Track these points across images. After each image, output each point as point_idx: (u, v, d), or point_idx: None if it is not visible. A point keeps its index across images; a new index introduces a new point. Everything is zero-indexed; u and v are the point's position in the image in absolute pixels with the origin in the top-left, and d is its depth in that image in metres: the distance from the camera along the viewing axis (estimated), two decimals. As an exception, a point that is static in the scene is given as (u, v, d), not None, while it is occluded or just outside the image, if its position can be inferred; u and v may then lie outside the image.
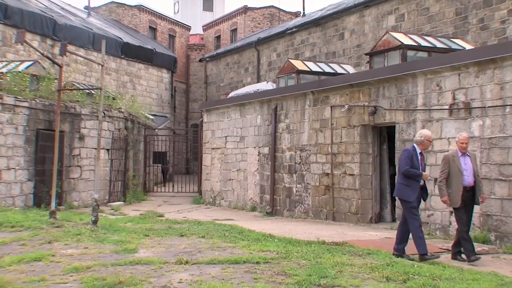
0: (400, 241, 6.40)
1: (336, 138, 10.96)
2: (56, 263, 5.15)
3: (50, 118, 11.95)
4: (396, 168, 9.48)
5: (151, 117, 21.65)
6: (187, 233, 7.53)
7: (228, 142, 15.06)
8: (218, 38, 32.11)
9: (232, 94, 18.69)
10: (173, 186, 19.66)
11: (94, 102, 13.84)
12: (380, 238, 8.19)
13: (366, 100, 10.27)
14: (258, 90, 16.12)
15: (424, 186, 6.45)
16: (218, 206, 15.13)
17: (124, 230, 7.62)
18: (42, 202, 11.25)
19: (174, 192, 19.12)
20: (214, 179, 15.66)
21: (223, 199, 15.17)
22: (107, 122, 14.33)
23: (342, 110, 10.76)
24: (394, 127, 9.71)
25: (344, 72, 14.31)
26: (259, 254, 5.77)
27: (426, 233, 7.84)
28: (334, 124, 11.02)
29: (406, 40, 10.89)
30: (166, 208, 14.32)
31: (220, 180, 15.35)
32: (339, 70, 14.50)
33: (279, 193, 12.75)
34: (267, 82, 19.20)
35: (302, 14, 25.82)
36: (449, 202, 6.44)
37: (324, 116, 11.35)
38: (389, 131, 10.41)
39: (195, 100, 31.34)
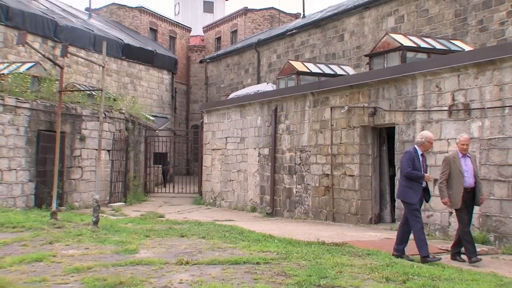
0: (400, 241, 6.42)
1: (336, 139, 10.98)
2: (57, 263, 5.16)
3: (51, 119, 11.98)
4: (396, 169, 9.61)
5: (151, 118, 21.68)
6: (188, 233, 7.53)
7: (229, 143, 15.08)
8: (219, 39, 32.15)
9: (232, 95, 18.72)
10: (173, 187, 19.69)
11: (95, 103, 13.87)
12: (380, 239, 8.20)
13: (365, 101, 10.30)
14: (258, 91, 16.14)
15: (427, 187, 6.46)
16: (218, 207, 15.15)
17: (125, 231, 7.63)
18: (43, 203, 11.28)
19: (174, 193, 19.14)
20: (214, 180, 15.69)
21: (223, 200, 15.19)
22: (108, 123, 14.36)
23: (342, 111, 10.78)
24: (394, 128, 9.72)
25: (344, 73, 14.32)
26: (259, 254, 5.77)
27: (426, 233, 7.82)
28: (334, 125, 11.04)
29: (406, 42, 10.89)
30: (166, 208, 14.33)
31: (220, 181, 15.37)
32: (339, 72, 14.52)
33: (279, 194, 12.77)
34: (267, 83, 19.21)
35: (302, 16, 25.88)
36: (449, 203, 6.44)
37: (324, 117, 11.37)
38: (388, 132, 10.42)
39: (195, 101, 31.38)
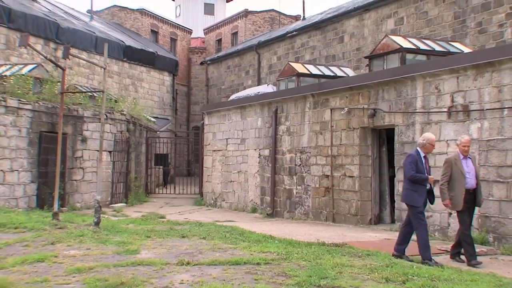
0: (401, 242, 6.42)
1: (336, 140, 11.02)
2: (59, 264, 5.15)
3: (53, 121, 12.02)
4: (395, 170, 9.65)
5: (152, 119, 21.72)
6: (189, 234, 7.52)
7: (229, 144, 15.13)
8: (219, 41, 32.21)
9: (233, 97, 18.76)
10: (174, 188, 19.73)
11: (96, 105, 13.92)
12: (380, 240, 8.22)
13: (365, 103, 10.33)
14: (259, 93, 16.18)
15: (431, 189, 6.42)
16: (219, 208, 15.18)
17: (126, 232, 7.62)
18: (45, 204, 11.32)
19: (175, 193, 19.18)
20: (215, 181, 15.73)
21: (224, 201, 15.23)
22: (109, 124, 14.40)
23: (342, 113, 10.81)
24: (393, 129, 9.75)
25: (343, 75, 14.35)
26: (260, 255, 5.76)
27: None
28: (334, 126, 11.08)
29: (405, 44, 10.92)
30: (167, 209, 14.36)
31: (221, 182, 15.41)
32: (339, 73, 14.56)
33: (279, 194, 12.81)
34: (267, 85, 19.26)
35: (302, 18, 25.93)
36: (450, 205, 6.42)
37: (324, 118, 11.41)
38: (388, 134, 10.44)
39: (196, 102, 31.43)
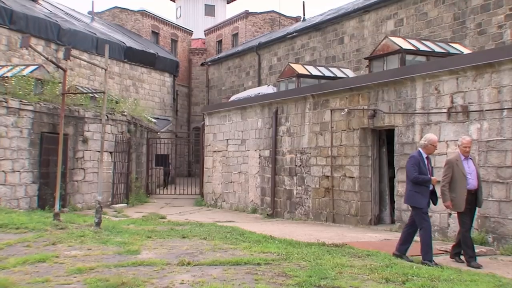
0: (403, 242, 6.40)
1: (336, 141, 11.05)
2: (60, 264, 5.15)
3: (54, 122, 12.07)
4: (395, 171, 9.68)
5: (153, 120, 21.78)
6: (189, 234, 7.52)
7: (230, 145, 15.16)
8: (220, 42, 32.26)
9: (233, 98, 18.81)
10: (175, 188, 19.80)
11: (97, 106, 13.97)
12: (379, 240, 8.23)
13: (365, 104, 10.36)
14: (259, 93, 16.23)
15: (434, 190, 6.40)
16: (219, 208, 15.20)
17: (127, 232, 7.63)
18: (46, 204, 11.36)
19: (176, 194, 19.24)
20: (215, 181, 15.76)
21: (224, 201, 15.26)
22: (110, 125, 14.45)
23: (342, 114, 10.83)
24: (393, 130, 9.77)
25: (343, 76, 14.39)
26: (260, 255, 5.77)
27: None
28: (334, 127, 11.10)
29: (405, 45, 10.94)
30: (168, 210, 14.39)
31: (221, 183, 15.44)
32: (339, 74, 14.60)
33: (279, 195, 12.84)
34: (268, 86, 19.33)
35: (302, 19, 25.96)
36: (451, 206, 6.40)
37: (324, 119, 11.44)
38: (388, 134, 10.46)
39: (197, 103, 31.48)
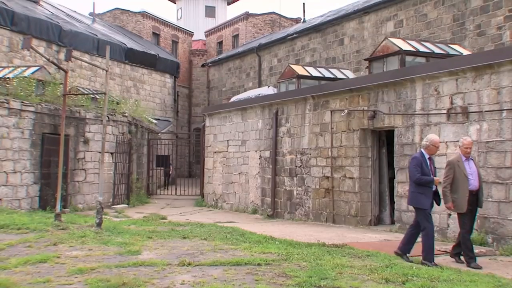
0: (406, 242, 6.40)
1: (336, 142, 11.08)
2: (61, 264, 5.18)
3: (56, 122, 12.12)
4: (395, 172, 9.71)
5: (154, 121, 21.81)
6: (190, 235, 7.55)
7: (230, 145, 15.19)
8: (220, 43, 32.32)
9: (233, 99, 18.83)
10: (175, 189, 19.84)
11: (98, 107, 14.00)
12: (379, 240, 8.25)
13: (365, 105, 10.38)
14: (260, 94, 16.24)
15: (437, 191, 6.39)
16: (220, 209, 15.23)
17: (127, 232, 7.66)
18: (48, 205, 11.40)
19: (176, 195, 19.28)
20: (216, 182, 15.79)
21: (225, 202, 15.29)
22: (111, 126, 14.48)
23: (342, 115, 10.86)
24: (393, 131, 9.79)
25: (343, 77, 14.42)
26: (260, 256, 5.79)
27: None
28: (334, 128, 11.13)
29: (405, 46, 10.98)
30: (169, 210, 14.40)
31: (222, 183, 15.47)
32: (339, 75, 14.62)
33: (280, 196, 12.87)
34: (268, 87, 19.35)
35: (302, 20, 26.00)
36: (453, 208, 6.39)
37: (324, 120, 11.47)
38: (388, 135, 10.48)
39: (197, 104, 31.53)
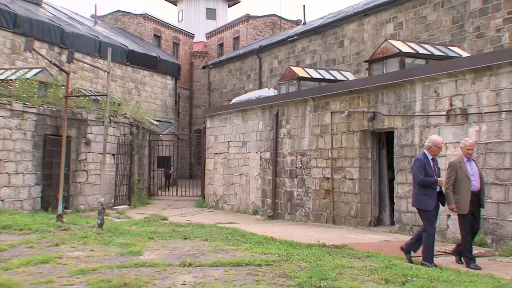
0: (415, 241, 6.39)
1: (336, 143, 11.11)
2: (63, 265, 5.19)
3: (58, 124, 12.17)
4: (395, 173, 9.74)
5: (155, 122, 21.88)
6: (191, 236, 7.57)
7: (231, 147, 15.23)
8: (221, 45, 32.40)
9: (234, 100, 18.88)
10: (177, 190, 19.87)
11: (100, 108, 14.05)
12: (379, 241, 8.27)
13: (365, 106, 10.42)
14: (260, 96, 16.30)
15: (441, 191, 6.37)
16: (220, 210, 15.25)
17: (129, 233, 7.68)
18: (49, 206, 11.46)
19: (177, 196, 19.31)
20: (217, 183, 15.83)
21: (225, 203, 15.33)
22: (113, 127, 14.53)
23: (342, 116, 10.90)
24: (393, 132, 9.82)
25: (344, 79, 14.44)
26: (261, 256, 5.81)
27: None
28: (334, 129, 11.16)
29: (404, 48, 11.00)
30: (170, 211, 14.42)
31: (222, 184, 15.51)
32: (339, 77, 14.65)
33: (280, 197, 12.90)
34: (268, 89, 19.40)
35: (302, 23, 26.08)
36: (456, 209, 6.38)
37: (324, 121, 11.51)
38: (388, 136, 10.50)
39: (198, 106, 31.60)
